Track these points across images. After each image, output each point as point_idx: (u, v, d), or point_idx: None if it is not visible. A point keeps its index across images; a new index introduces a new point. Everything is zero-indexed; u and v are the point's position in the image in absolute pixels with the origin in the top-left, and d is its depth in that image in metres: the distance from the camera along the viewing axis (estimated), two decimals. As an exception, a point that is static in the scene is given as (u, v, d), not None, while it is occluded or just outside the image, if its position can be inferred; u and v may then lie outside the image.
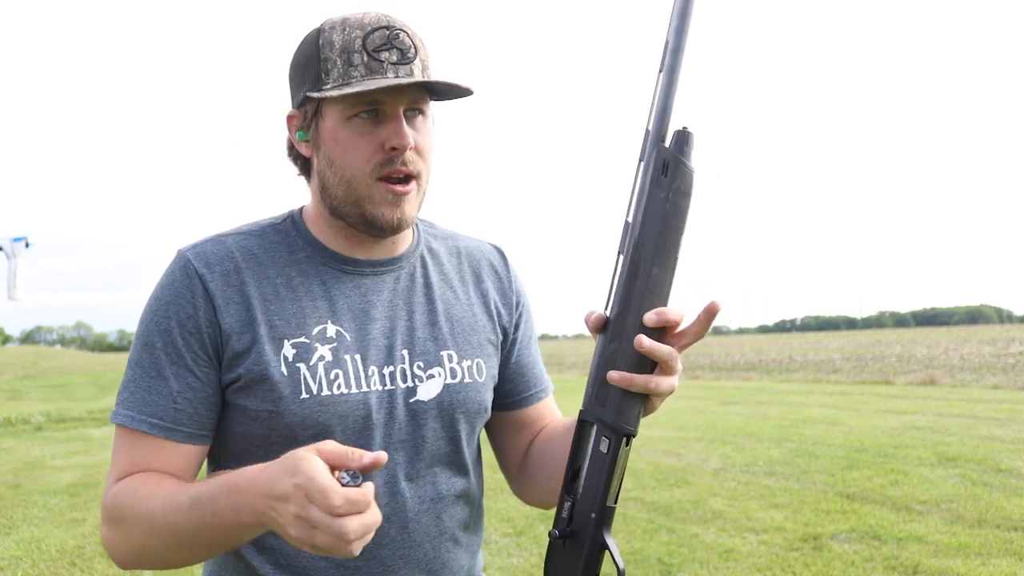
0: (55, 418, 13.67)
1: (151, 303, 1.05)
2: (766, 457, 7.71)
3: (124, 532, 0.98)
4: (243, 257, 1.05)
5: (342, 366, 1.04)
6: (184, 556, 0.96)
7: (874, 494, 6.02)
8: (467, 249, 1.23)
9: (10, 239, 10.60)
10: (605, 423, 0.91)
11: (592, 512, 0.91)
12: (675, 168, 0.88)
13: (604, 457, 0.91)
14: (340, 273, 1.08)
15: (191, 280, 1.03)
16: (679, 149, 0.89)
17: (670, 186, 0.88)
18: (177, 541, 0.94)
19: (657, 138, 0.90)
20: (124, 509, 0.98)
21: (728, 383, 18.37)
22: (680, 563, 4.61)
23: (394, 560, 1.06)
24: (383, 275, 1.11)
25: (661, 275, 0.90)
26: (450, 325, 1.14)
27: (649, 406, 0.95)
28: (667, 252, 0.89)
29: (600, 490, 0.91)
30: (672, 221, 0.89)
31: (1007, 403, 11.19)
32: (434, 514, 1.10)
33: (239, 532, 0.90)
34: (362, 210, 1.03)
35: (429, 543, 1.09)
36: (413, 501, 1.08)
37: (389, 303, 1.10)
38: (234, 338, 1.02)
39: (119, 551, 1.00)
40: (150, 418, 1.01)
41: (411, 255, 1.15)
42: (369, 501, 0.80)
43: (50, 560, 5.08)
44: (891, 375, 17.60)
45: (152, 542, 0.96)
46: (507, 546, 5.05)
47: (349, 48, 0.99)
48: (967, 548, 4.64)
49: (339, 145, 1.02)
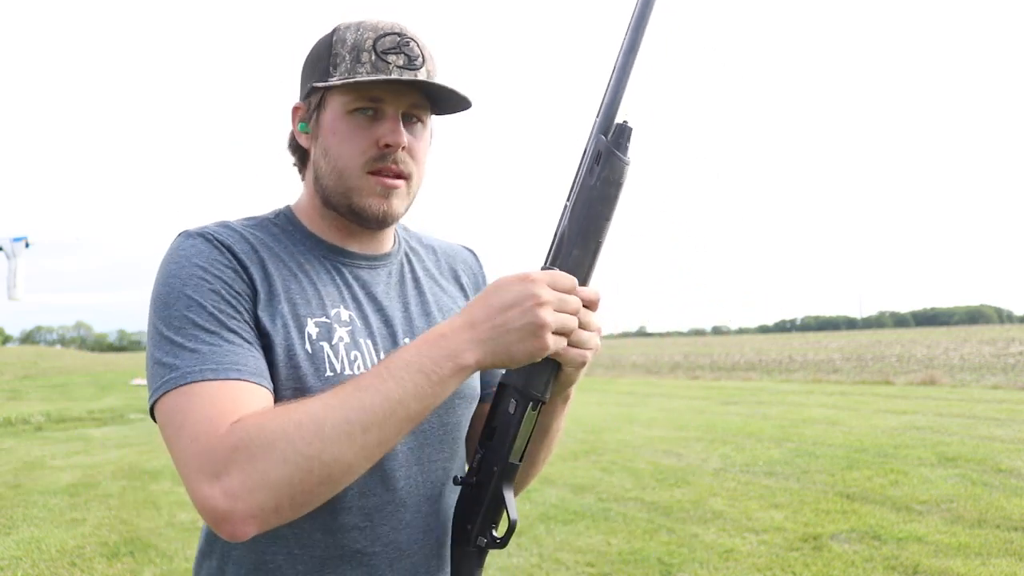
0: (55, 418, 13.68)
1: (178, 273, 0.97)
2: (766, 457, 7.71)
3: (274, 458, 0.83)
4: (255, 240, 1.05)
5: (359, 348, 1.05)
6: (365, 452, 0.86)
7: (874, 494, 6.02)
8: (442, 249, 1.28)
9: (10, 239, 10.59)
10: (516, 388, 0.97)
11: (495, 466, 1.00)
12: (607, 158, 0.94)
13: (511, 418, 0.98)
14: (340, 265, 1.10)
15: (220, 248, 1.00)
16: (615, 142, 0.95)
17: (600, 174, 0.94)
18: (364, 427, 0.84)
19: (601, 128, 0.95)
20: (273, 429, 0.84)
21: (728, 383, 18.37)
22: (680, 563, 4.61)
23: (409, 545, 1.07)
24: (377, 268, 1.14)
25: (580, 256, 0.95)
26: (442, 316, 1.16)
27: (564, 377, 0.98)
28: (589, 235, 0.95)
29: (505, 447, 0.99)
30: (597, 207, 0.95)
31: (1007, 403, 11.19)
32: (442, 499, 1.12)
33: (447, 384, 0.88)
34: (350, 201, 1.05)
35: (440, 528, 1.11)
36: (424, 486, 1.09)
37: (385, 295, 1.13)
38: (262, 310, 1.00)
39: (262, 489, 0.83)
40: (236, 366, 0.92)
41: (397, 252, 1.18)
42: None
43: (50, 560, 5.08)
44: (891, 375, 17.60)
45: (326, 446, 0.84)
46: (507, 546, 5.05)
47: (359, 47, 1.02)
48: (967, 548, 4.65)
49: (336, 136, 1.04)
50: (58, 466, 8.70)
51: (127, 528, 5.80)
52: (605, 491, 6.51)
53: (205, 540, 1.10)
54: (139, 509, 6.38)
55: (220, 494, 0.83)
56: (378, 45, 1.03)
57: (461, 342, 0.87)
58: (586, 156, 0.96)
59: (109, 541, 5.46)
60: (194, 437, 0.87)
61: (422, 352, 0.88)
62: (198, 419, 0.87)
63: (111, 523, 5.96)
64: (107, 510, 6.40)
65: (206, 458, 0.85)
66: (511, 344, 0.87)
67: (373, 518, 1.04)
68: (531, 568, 4.63)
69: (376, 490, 1.04)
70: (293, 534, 1.02)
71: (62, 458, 9.28)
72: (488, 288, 0.91)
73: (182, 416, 0.88)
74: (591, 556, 4.76)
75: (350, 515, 1.03)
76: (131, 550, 5.22)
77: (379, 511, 1.05)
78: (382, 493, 1.05)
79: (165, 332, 0.94)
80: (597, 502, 6.14)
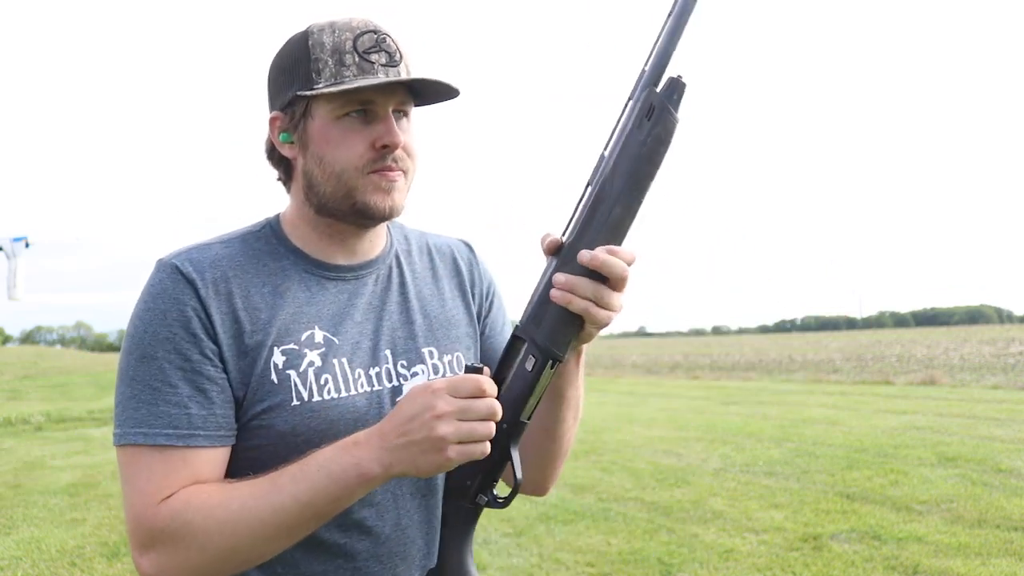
0: (55, 418, 13.67)
1: (142, 316, 1.00)
2: (766, 457, 7.71)
3: (194, 548, 0.93)
4: (229, 265, 1.04)
5: (330, 370, 1.04)
6: (276, 544, 0.95)
7: (874, 494, 6.02)
8: (436, 245, 1.25)
9: (10, 239, 10.58)
10: (536, 343, 0.93)
11: (504, 423, 0.94)
12: (660, 113, 0.88)
13: (528, 375, 0.94)
14: (322, 280, 1.08)
15: (182, 287, 1.00)
16: (668, 96, 0.89)
17: (651, 131, 0.88)
18: (276, 527, 0.92)
19: (651, 80, 0.90)
20: (194, 523, 0.93)
21: (728, 383, 18.36)
22: (680, 563, 4.61)
23: (391, 557, 1.08)
24: (363, 278, 1.12)
25: (622, 215, 0.90)
26: (428, 322, 1.15)
27: (584, 335, 0.97)
28: (633, 194, 0.90)
29: (517, 405, 0.95)
30: (645, 166, 0.89)
31: (1007, 403, 11.18)
32: (427, 509, 1.12)
33: (353, 491, 0.91)
34: (353, 200, 1.03)
35: (422, 538, 1.11)
36: (406, 498, 1.09)
37: (368, 305, 1.11)
38: (226, 346, 1.00)
39: (184, 571, 0.94)
40: (166, 429, 0.96)
41: (387, 256, 1.16)
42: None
43: (50, 560, 5.08)
44: (891, 375, 17.59)
45: (240, 542, 0.93)
46: (507, 546, 5.05)
47: (340, 49, 1.01)
48: (967, 548, 4.64)
49: (330, 143, 1.02)
50: (58, 466, 8.69)
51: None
52: (605, 491, 6.51)
53: None
54: (139, 509, 6.38)
55: (148, 565, 0.95)
56: (358, 45, 1.01)
57: (370, 451, 0.90)
58: (635, 108, 0.90)
59: (109, 541, 5.46)
60: (131, 505, 0.96)
61: (333, 459, 0.91)
62: (133, 490, 0.97)
63: (111, 523, 5.96)
64: (107, 510, 6.40)
65: (138, 531, 0.95)
66: (415, 456, 0.89)
67: (351, 534, 1.05)
68: (531, 568, 4.63)
69: (355, 507, 1.04)
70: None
71: (62, 458, 9.27)
72: (402, 398, 0.93)
73: (124, 478, 0.98)
74: (591, 556, 4.76)
75: (330, 532, 1.03)
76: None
77: (358, 526, 1.05)
78: (360, 509, 1.05)
79: (123, 370, 1.00)
80: (597, 502, 6.14)
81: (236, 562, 0.95)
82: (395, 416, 0.90)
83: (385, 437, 0.90)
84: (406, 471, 0.90)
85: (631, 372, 24.40)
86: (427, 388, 0.89)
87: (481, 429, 0.88)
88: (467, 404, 0.88)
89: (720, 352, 38.39)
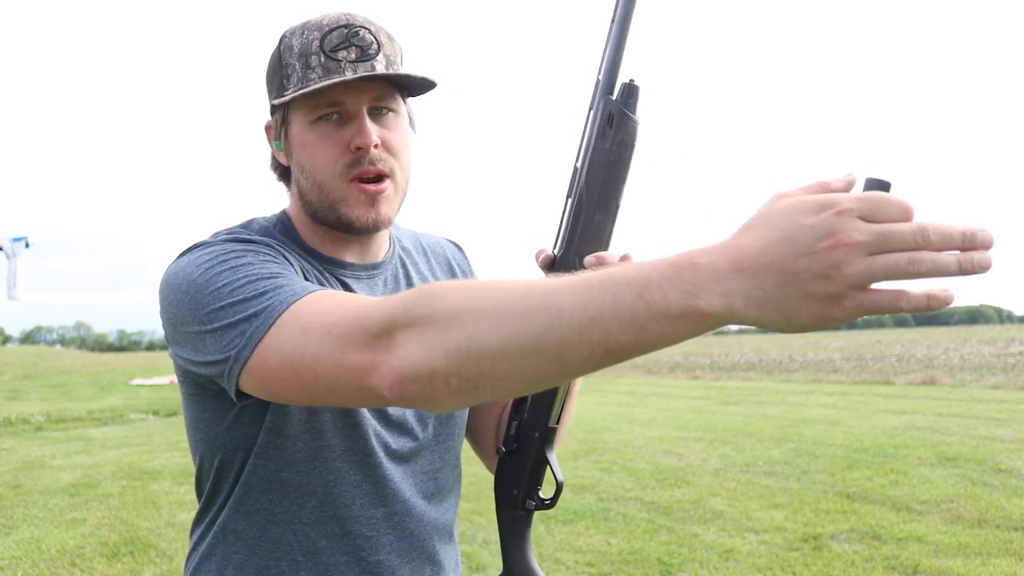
0: (55, 418, 13.66)
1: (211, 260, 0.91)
2: (766, 457, 7.70)
3: (454, 327, 0.69)
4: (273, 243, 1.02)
5: None
6: (535, 361, 0.66)
7: (874, 494, 6.02)
8: (429, 245, 1.25)
9: (10, 239, 10.56)
10: None
11: (536, 432, 1.03)
12: (620, 120, 0.91)
13: None
14: (340, 276, 1.08)
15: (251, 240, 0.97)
16: (624, 102, 0.92)
17: (614, 137, 0.91)
18: (546, 333, 0.65)
19: (606, 89, 0.92)
20: (441, 300, 0.71)
21: (728, 383, 18.35)
22: (680, 563, 4.61)
23: (404, 555, 1.07)
24: (375, 277, 1.11)
25: (602, 221, 0.94)
26: None
27: None
28: (609, 199, 0.94)
29: (544, 412, 1.02)
30: (615, 171, 0.93)
31: (1007, 403, 11.18)
32: (436, 508, 1.12)
33: (673, 327, 0.62)
34: (337, 213, 1.02)
35: (436, 536, 1.12)
36: (417, 498, 1.09)
37: None
38: None
39: (433, 352, 0.70)
40: (309, 288, 0.86)
41: (392, 257, 1.15)
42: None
43: (50, 560, 5.08)
44: (891, 375, 17.57)
45: (501, 330, 0.67)
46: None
47: (307, 51, 0.98)
48: (967, 548, 4.64)
49: (307, 150, 1.01)
50: (58, 466, 8.68)
51: (127, 528, 5.80)
52: (605, 491, 6.51)
53: (207, 543, 1.06)
54: (139, 509, 6.37)
55: (397, 345, 0.72)
56: (325, 44, 0.97)
57: (716, 279, 0.61)
58: (594, 119, 0.93)
59: (109, 541, 5.46)
60: (333, 323, 0.77)
61: (654, 277, 0.62)
62: (328, 311, 0.79)
63: (111, 523, 5.96)
64: (107, 510, 6.40)
65: (374, 315, 0.74)
66: (789, 301, 0.59)
67: (379, 527, 1.05)
68: (531, 568, 4.63)
69: (384, 501, 1.04)
70: (297, 542, 1.02)
71: (62, 458, 9.26)
72: (771, 207, 0.62)
73: (304, 324, 0.80)
74: (591, 556, 4.76)
75: (357, 524, 1.03)
76: (131, 550, 5.22)
77: (386, 521, 1.05)
78: (391, 504, 1.05)
79: (215, 307, 0.87)
80: (597, 502, 6.14)
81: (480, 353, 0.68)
82: (763, 235, 0.60)
83: (744, 264, 0.60)
84: (761, 319, 0.60)
85: (631, 372, 24.39)
86: (823, 204, 0.58)
87: (906, 266, 0.58)
88: (890, 231, 0.58)
89: (720, 352, 38.36)
